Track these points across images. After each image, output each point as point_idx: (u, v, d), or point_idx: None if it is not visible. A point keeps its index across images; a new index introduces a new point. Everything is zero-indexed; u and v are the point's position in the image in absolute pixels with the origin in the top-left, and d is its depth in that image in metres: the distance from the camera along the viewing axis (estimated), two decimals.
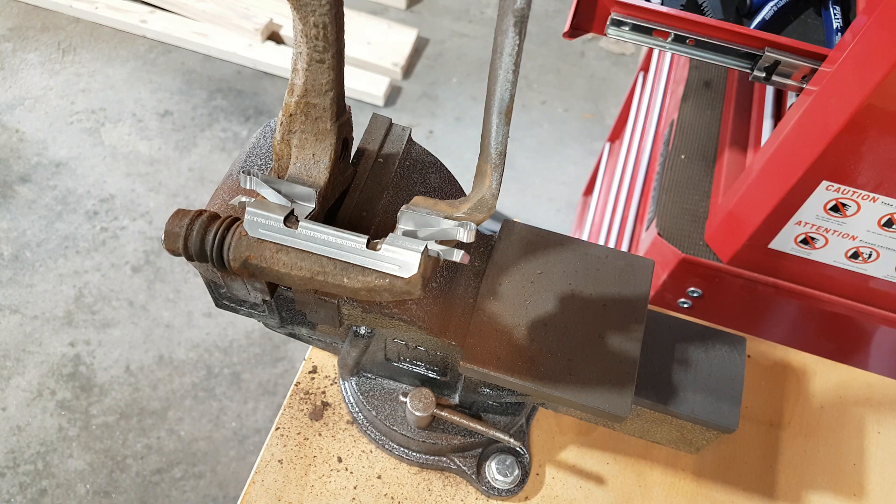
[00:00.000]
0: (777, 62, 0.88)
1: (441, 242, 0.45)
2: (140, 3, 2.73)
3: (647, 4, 0.89)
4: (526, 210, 2.42)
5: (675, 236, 1.08)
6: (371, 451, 0.71)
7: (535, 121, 2.67)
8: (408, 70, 2.75)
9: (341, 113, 0.49)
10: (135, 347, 1.99)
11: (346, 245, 0.45)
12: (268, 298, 0.51)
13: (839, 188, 0.86)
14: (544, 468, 0.72)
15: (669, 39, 0.91)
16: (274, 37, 2.73)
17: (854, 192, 0.86)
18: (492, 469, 0.69)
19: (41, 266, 2.11)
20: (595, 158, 2.39)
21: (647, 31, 0.91)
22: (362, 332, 0.65)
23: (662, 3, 0.91)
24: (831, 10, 0.96)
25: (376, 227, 0.53)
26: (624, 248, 1.34)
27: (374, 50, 2.68)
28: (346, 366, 0.69)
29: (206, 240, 0.46)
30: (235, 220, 0.47)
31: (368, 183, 0.56)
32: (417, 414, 0.65)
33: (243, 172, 0.46)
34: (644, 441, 0.73)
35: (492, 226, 2.07)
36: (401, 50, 2.72)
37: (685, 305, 1.15)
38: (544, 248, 0.62)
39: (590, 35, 1.25)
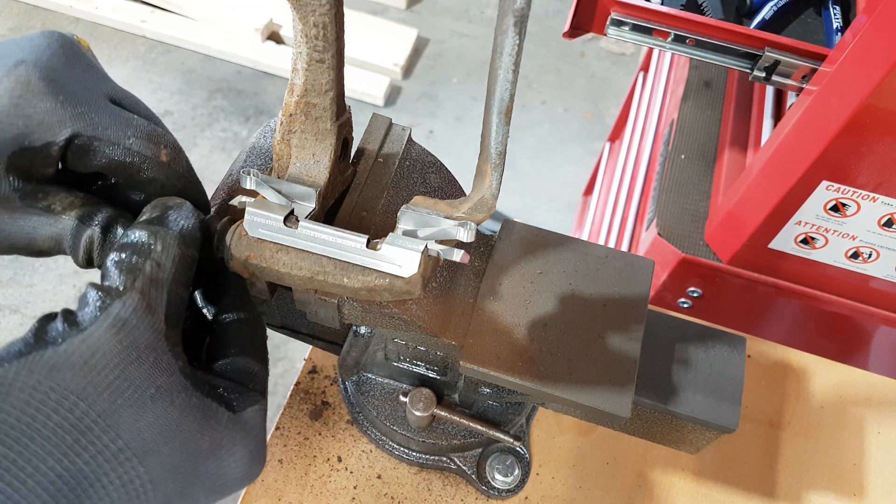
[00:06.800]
0: (777, 62, 0.88)
1: (441, 242, 0.45)
2: (140, 3, 2.73)
3: (647, 4, 0.89)
4: (526, 210, 2.42)
5: (675, 236, 1.08)
6: (371, 451, 0.71)
7: (535, 121, 2.67)
8: (408, 70, 2.75)
9: (341, 113, 0.49)
10: None
11: (346, 245, 0.45)
12: (268, 298, 0.51)
13: (839, 188, 0.86)
14: (544, 468, 0.72)
15: (669, 39, 0.91)
16: (274, 37, 2.73)
17: (854, 192, 0.86)
18: (492, 469, 0.69)
19: (41, 266, 2.11)
20: (595, 158, 2.39)
21: (647, 31, 0.91)
22: (362, 332, 0.65)
23: (662, 3, 0.92)
24: (831, 10, 0.97)
25: (376, 227, 0.53)
26: (624, 248, 1.34)
27: (374, 50, 2.68)
28: (346, 366, 0.69)
29: None
30: (235, 220, 0.47)
31: (368, 183, 0.56)
32: (417, 414, 0.65)
33: (243, 172, 0.46)
34: (644, 441, 0.73)
35: (492, 226, 2.07)
36: (401, 50, 2.72)
37: (685, 305, 1.15)
38: (544, 248, 0.61)
39: (590, 35, 1.25)
